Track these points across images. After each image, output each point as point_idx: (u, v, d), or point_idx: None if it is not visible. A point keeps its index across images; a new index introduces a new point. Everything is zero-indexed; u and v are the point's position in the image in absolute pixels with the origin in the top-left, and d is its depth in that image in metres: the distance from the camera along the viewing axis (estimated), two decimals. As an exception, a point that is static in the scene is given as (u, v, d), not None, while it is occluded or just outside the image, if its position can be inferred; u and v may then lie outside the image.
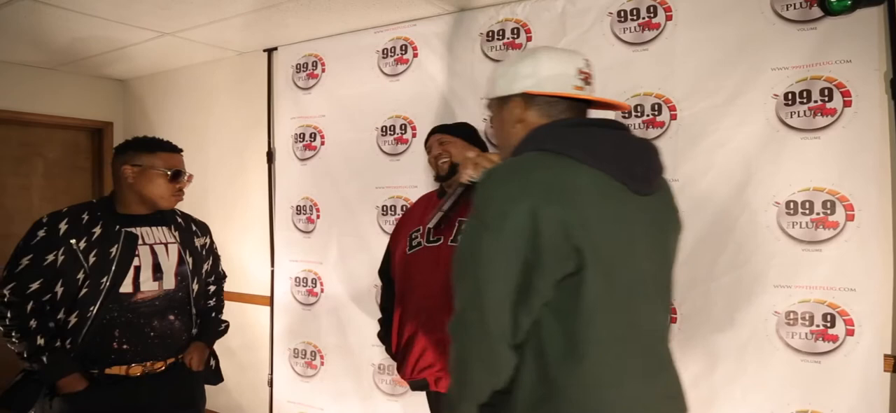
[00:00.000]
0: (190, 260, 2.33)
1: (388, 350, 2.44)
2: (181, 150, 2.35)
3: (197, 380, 2.39)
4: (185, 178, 2.30)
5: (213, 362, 2.48)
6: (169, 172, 2.23)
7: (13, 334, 2.06)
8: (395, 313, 2.35)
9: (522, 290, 1.20)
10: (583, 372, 1.21)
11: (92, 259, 2.10)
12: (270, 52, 3.66)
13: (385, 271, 2.52)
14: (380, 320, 2.53)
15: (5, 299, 2.07)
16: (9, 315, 2.06)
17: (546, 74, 1.38)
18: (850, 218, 2.18)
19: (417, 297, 2.25)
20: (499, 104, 1.46)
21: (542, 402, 1.23)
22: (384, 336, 2.48)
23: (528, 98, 1.39)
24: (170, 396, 2.25)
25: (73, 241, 2.09)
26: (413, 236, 2.33)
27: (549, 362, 1.23)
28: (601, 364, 1.22)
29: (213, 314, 2.49)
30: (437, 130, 2.45)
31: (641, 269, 1.31)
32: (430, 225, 1.83)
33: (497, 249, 1.19)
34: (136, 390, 2.16)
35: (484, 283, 1.21)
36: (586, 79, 1.41)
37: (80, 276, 2.08)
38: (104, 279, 2.10)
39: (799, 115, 2.25)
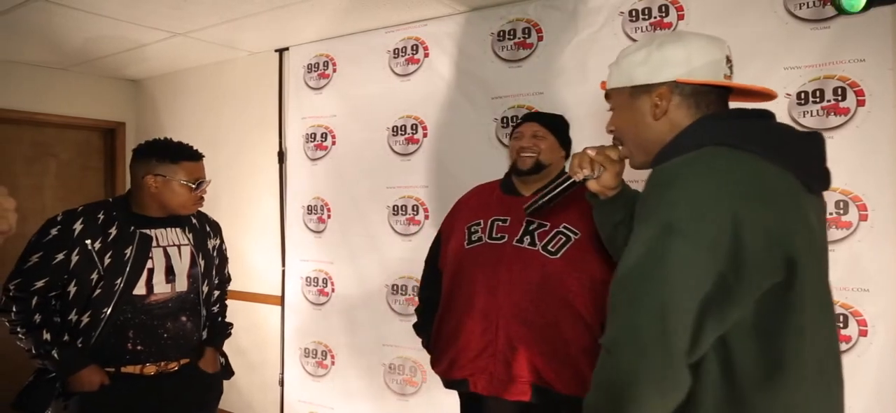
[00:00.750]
0: (202, 262, 2.34)
1: (425, 343, 2.35)
2: (202, 157, 2.33)
3: (210, 378, 2.41)
4: (205, 186, 2.30)
5: (221, 360, 2.50)
6: (193, 184, 2.23)
7: (19, 330, 2.07)
8: (441, 306, 2.25)
9: (714, 303, 1.02)
10: (788, 396, 1.07)
11: (107, 261, 2.10)
12: (282, 52, 3.67)
13: (433, 260, 2.38)
14: (418, 310, 2.42)
15: (10, 294, 2.08)
16: (14, 310, 2.06)
17: (700, 62, 1.24)
18: (863, 218, 2.17)
19: (471, 294, 2.11)
20: (632, 94, 1.30)
21: None
22: (422, 327, 2.37)
23: (674, 86, 1.25)
24: (184, 395, 2.26)
25: (88, 242, 2.10)
26: (473, 229, 2.20)
27: (743, 385, 1.06)
28: (807, 387, 1.10)
29: (220, 318, 2.51)
30: (534, 118, 2.25)
31: (826, 280, 1.19)
32: (528, 211, 1.66)
33: (690, 256, 1.02)
34: (150, 389, 2.17)
35: (671, 295, 1.02)
36: (731, 67, 1.29)
37: (94, 276, 2.09)
38: (118, 281, 2.11)
39: (812, 115, 2.24)
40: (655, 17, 2.51)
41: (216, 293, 2.52)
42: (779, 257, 1.05)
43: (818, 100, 2.23)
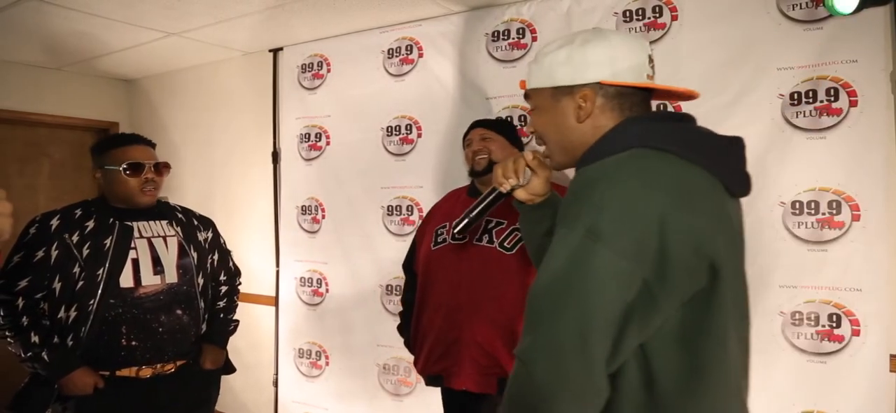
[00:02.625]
0: (194, 254, 2.33)
1: (407, 343, 2.48)
2: (144, 141, 2.28)
3: (208, 378, 2.41)
4: (149, 168, 2.23)
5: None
6: (123, 168, 2.18)
7: (7, 334, 2.06)
8: (415, 306, 2.38)
9: (636, 311, 1.00)
10: (710, 403, 1.05)
11: (86, 251, 2.10)
12: (276, 52, 3.66)
13: (408, 264, 2.54)
14: (400, 313, 2.56)
15: None
16: (1, 313, 2.06)
17: (624, 63, 1.21)
18: (856, 218, 2.18)
19: (437, 293, 2.28)
20: (554, 95, 1.25)
21: None
22: (403, 328, 2.51)
23: (600, 89, 1.21)
24: (181, 397, 2.26)
25: (65, 236, 2.11)
26: (438, 232, 2.35)
27: (664, 392, 1.04)
28: (729, 393, 1.09)
29: (222, 315, 2.49)
30: (480, 124, 2.41)
31: (743, 282, 1.17)
32: (456, 230, 1.59)
33: (614, 264, 0.99)
34: (147, 392, 2.17)
35: (594, 305, 0.99)
36: (653, 68, 1.27)
37: (76, 269, 2.09)
38: (100, 271, 2.10)
39: (805, 115, 2.25)
40: (649, 18, 2.52)
41: (223, 288, 2.51)
42: (704, 263, 1.03)
43: (811, 100, 2.24)
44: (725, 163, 1.16)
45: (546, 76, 1.26)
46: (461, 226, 1.53)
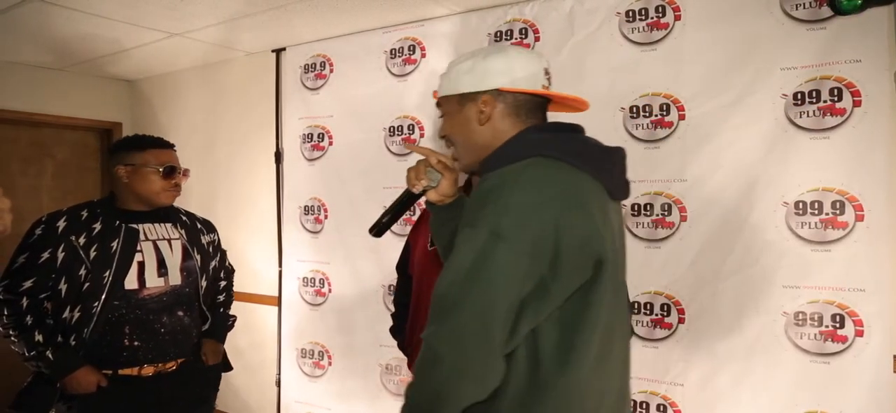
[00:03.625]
0: (198, 257, 2.34)
1: (400, 345, 2.46)
2: (172, 146, 2.35)
3: (209, 376, 2.42)
4: (180, 173, 2.30)
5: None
6: (161, 169, 2.23)
7: (11, 333, 2.07)
8: (411, 308, 2.36)
9: (532, 301, 1.14)
10: (577, 373, 1.20)
11: (93, 254, 2.11)
12: (278, 52, 3.67)
13: (402, 267, 2.51)
14: (393, 314, 2.54)
15: (1, 296, 2.08)
16: (5, 312, 2.07)
17: (521, 73, 1.34)
18: (859, 218, 2.18)
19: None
20: (460, 101, 1.39)
21: (528, 405, 1.20)
22: (396, 330, 2.49)
23: (498, 95, 1.34)
24: (183, 394, 2.26)
25: (72, 238, 2.11)
26: None
27: (544, 369, 1.19)
28: (590, 366, 1.22)
29: (222, 310, 2.51)
30: None
31: (622, 276, 1.34)
32: (370, 229, 1.61)
33: (513, 261, 1.12)
34: (149, 390, 2.17)
35: (495, 297, 1.13)
36: (549, 79, 1.39)
37: (82, 271, 2.09)
38: (106, 273, 2.11)
39: (808, 115, 2.24)
40: (652, 18, 2.52)
41: (222, 284, 2.52)
42: (589, 259, 1.18)
43: (814, 100, 2.23)
44: (608, 170, 1.31)
45: (453, 85, 1.40)
46: (375, 226, 1.59)
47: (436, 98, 1.48)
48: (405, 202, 1.57)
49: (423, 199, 1.58)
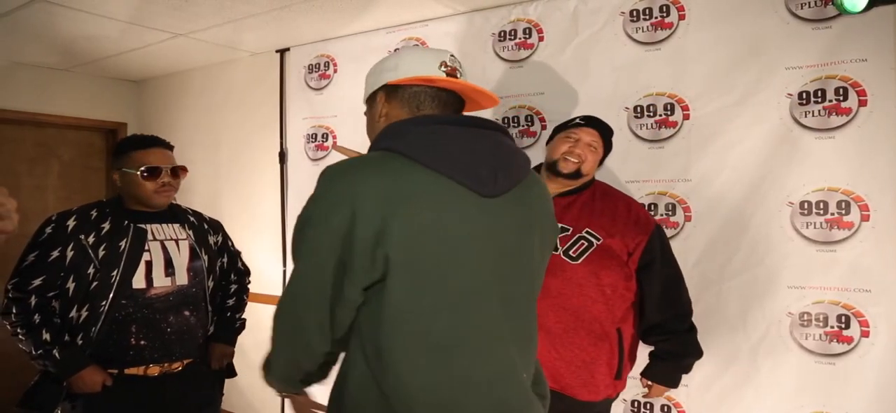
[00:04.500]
0: (205, 257, 2.34)
1: None
2: (162, 144, 2.28)
3: (214, 377, 2.42)
4: (165, 172, 2.23)
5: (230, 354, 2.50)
6: (140, 171, 2.19)
7: (19, 331, 2.07)
8: None
9: (336, 289, 1.22)
10: (396, 379, 1.21)
11: (101, 253, 2.11)
12: (283, 52, 3.67)
13: None
14: None
15: (9, 295, 2.09)
16: (14, 311, 2.07)
17: (409, 66, 1.36)
18: (865, 218, 2.17)
19: None
20: (369, 103, 1.45)
21: (372, 403, 1.25)
22: None
23: (390, 91, 1.37)
24: (189, 396, 2.27)
25: (82, 237, 2.11)
26: None
27: (371, 367, 1.25)
28: (411, 372, 1.21)
29: (229, 314, 2.50)
30: (595, 125, 2.17)
31: (475, 276, 1.26)
32: None
33: (315, 246, 1.22)
34: (155, 391, 2.17)
35: (302, 275, 1.25)
36: (451, 72, 1.36)
37: (91, 270, 2.10)
38: (114, 273, 2.11)
39: (813, 115, 2.24)
40: (656, 18, 2.51)
41: (233, 287, 2.52)
42: (379, 256, 1.18)
43: (820, 100, 2.22)
44: (465, 167, 1.25)
45: (365, 89, 1.47)
46: None
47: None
48: None
49: None
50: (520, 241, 1.35)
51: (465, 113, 1.45)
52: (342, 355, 1.36)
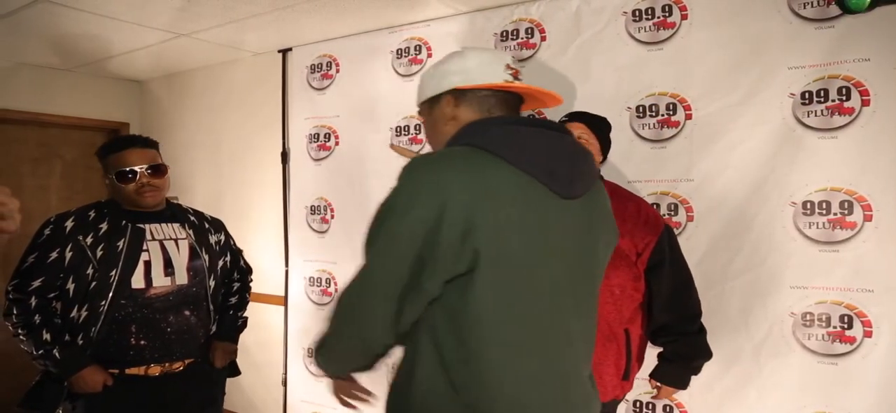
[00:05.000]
0: (206, 257, 2.34)
1: None
2: (138, 143, 2.24)
3: (216, 377, 2.42)
4: (140, 174, 2.19)
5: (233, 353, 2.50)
6: (112, 176, 2.19)
7: (20, 331, 2.08)
8: None
9: (411, 282, 1.20)
10: (478, 373, 1.22)
11: (99, 253, 2.12)
12: (285, 52, 3.67)
13: None
14: None
15: (10, 296, 2.10)
16: (14, 312, 2.08)
17: (476, 69, 1.38)
18: (867, 218, 2.16)
19: None
20: (429, 107, 1.45)
21: (442, 399, 1.24)
22: None
23: (458, 94, 1.39)
24: (191, 395, 2.27)
25: (80, 237, 2.12)
26: None
27: (446, 361, 1.23)
28: (495, 367, 1.22)
29: (232, 312, 2.50)
30: (579, 118, 2.18)
31: (554, 275, 1.29)
32: None
33: (395, 237, 1.20)
34: (156, 391, 2.18)
35: (376, 266, 1.23)
36: (515, 74, 1.40)
37: (90, 270, 2.11)
38: (113, 272, 2.12)
39: (816, 115, 2.23)
40: (659, 17, 2.51)
41: (235, 285, 2.52)
42: (467, 249, 1.17)
43: (822, 99, 2.22)
44: (548, 167, 1.28)
45: (421, 93, 1.48)
46: None
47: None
48: None
49: None
50: (589, 242, 1.39)
51: (524, 112, 1.50)
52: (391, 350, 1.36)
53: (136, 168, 2.19)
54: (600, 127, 2.19)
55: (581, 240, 1.36)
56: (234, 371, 2.51)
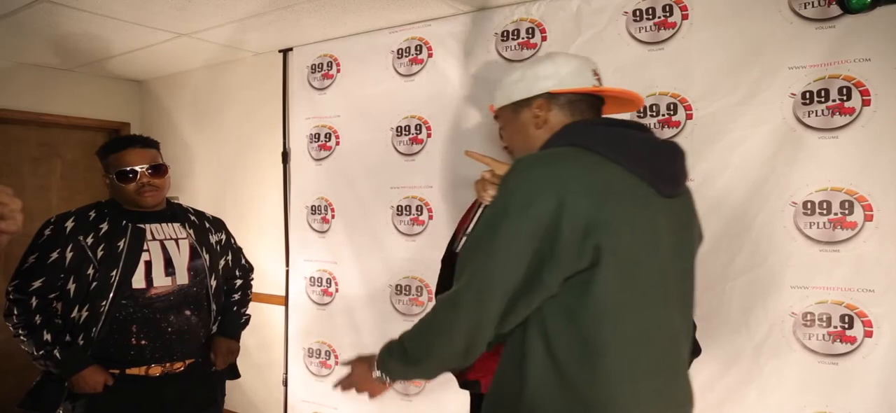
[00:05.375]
0: (206, 256, 2.34)
1: None
2: (138, 142, 2.25)
3: (216, 378, 2.42)
4: (140, 174, 2.20)
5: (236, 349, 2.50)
6: (113, 176, 2.20)
7: (21, 332, 2.09)
8: None
9: (528, 281, 1.20)
10: (595, 369, 1.22)
11: (100, 253, 2.12)
12: (286, 52, 3.67)
13: (449, 258, 2.35)
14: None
15: (10, 297, 2.10)
16: (15, 312, 2.09)
17: (567, 73, 1.41)
18: (868, 218, 2.16)
19: None
20: (515, 110, 1.47)
21: (555, 396, 1.24)
22: None
23: (550, 98, 1.41)
24: (191, 396, 2.27)
25: (80, 238, 2.13)
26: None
27: (560, 358, 1.23)
28: (614, 362, 1.23)
29: (235, 309, 2.50)
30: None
31: (662, 272, 1.31)
32: (457, 250, 1.64)
33: (513, 237, 1.19)
34: (156, 391, 2.18)
35: (493, 269, 1.21)
36: (599, 79, 1.46)
37: (90, 270, 2.11)
38: (113, 272, 2.12)
39: (816, 115, 2.23)
40: (659, 17, 2.51)
41: (237, 282, 2.52)
42: (588, 246, 1.18)
43: (823, 99, 2.22)
44: (652, 166, 1.30)
45: (506, 95, 1.49)
46: (461, 245, 1.56)
47: (492, 111, 1.59)
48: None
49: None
50: (686, 241, 1.45)
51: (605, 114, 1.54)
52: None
53: (137, 168, 2.20)
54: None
55: (680, 238, 1.40)
56: (234, 374, 2.51)
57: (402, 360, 1.41)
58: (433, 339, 1.32)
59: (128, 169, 2.19)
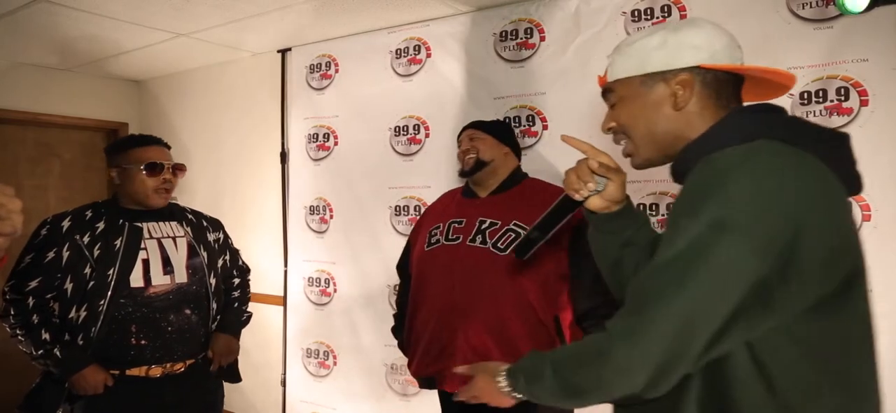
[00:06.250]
0: (204, 254, 2.34)
1: (401, 345, 2.44)
2: (161, 143, 2.30)
3: (216, 379, 2.41)
4: (166, 169, 2.24)
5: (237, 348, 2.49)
6: (142, 168, 2.20)
7: (18, 332, 2.08)
8: (408, 308, 2.34)
9: (748, 309, 0.95)
10: (839, 406, 1.00)
11: (97, 252, 2.12)
12: (284, 52, 3.67)
13: (403, 266, 2.49)
14: (394, 315, 2.52)
15: (7, 297, 2.10)
16: (12, 312, 2.08)
17: (721, 47, 1.12)
18: (866, 218, 2.17)
19: (430, 295, 2.22)
20: (646, 83, 1.16)
21: None
22: (397, 330, 2.47)
23: (697, 73, 1.12)
24: (191, 397, 2.26)
25: (77, 237, 2.12)
26: (432, 233, 2.29)
27: (788, 400, 0.97)
28: (860, 397, 1.04)
29: (236, 305, 2.49)
30: (470, 126, 2.38)
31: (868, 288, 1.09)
32: (521, 254, 1.38)
33: (737, 258, 0.93)
34: (156, 392, 2.17)
35: (705, 300, 0.95)
36: (742, 56, 1.18)
37: (87, 269, 2.10)
38: (111, 271, 2.11)
39: (815, 115, 2.24)
40: (658, 17, 2.51)
41: (236, 281, 2.52)
42: (837, 269, 0.97)
43: (821, 100, 2.22)
44: (841, 160, 1.06)
45: (636, 64, 1.17)
46: (522, 244, 1.38)
47: (602, 83, 1.27)
48: (562, 211, 1.32)
49: (582, 208, 1.35)
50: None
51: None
52: None
53: (163, 162, 2.23)
54: (490, 126, 2.34)
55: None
56: (235, 377, 2.49)
57: (559, 392, 1.12)
58: (610, 377, 1.03)
59: (156, 162, 2.21)
